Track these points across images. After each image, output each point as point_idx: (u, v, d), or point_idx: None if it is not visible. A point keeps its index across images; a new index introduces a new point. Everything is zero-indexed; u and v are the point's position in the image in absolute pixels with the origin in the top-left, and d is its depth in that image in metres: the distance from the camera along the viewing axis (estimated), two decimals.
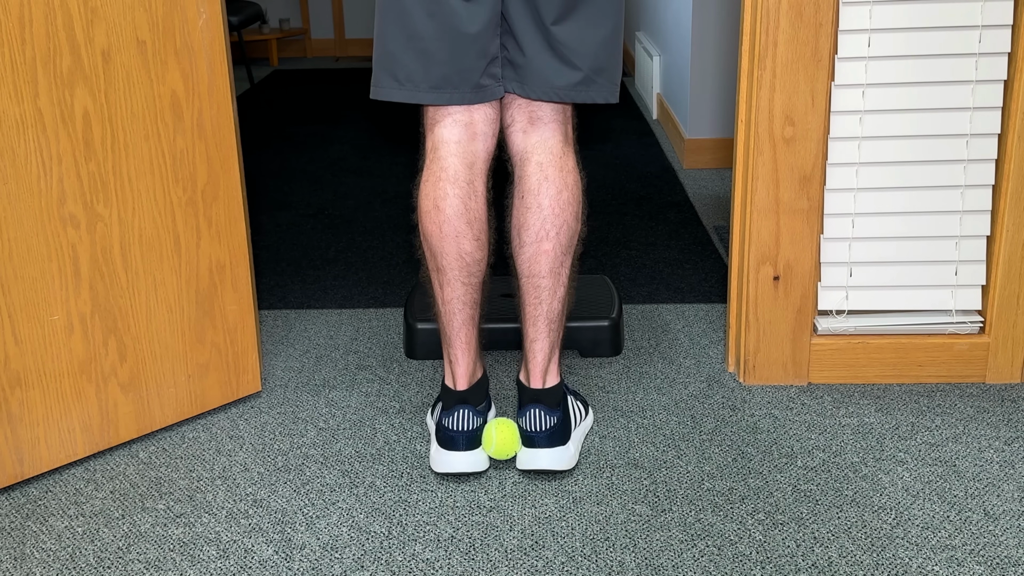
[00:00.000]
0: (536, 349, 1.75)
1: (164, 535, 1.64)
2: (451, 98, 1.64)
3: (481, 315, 1.77)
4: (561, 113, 1.70)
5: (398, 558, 1.57)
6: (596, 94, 1.67)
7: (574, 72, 1.64)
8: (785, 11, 1.87)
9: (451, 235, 1.67)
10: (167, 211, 1.83)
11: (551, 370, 1.77)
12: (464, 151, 1.68)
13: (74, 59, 1.66)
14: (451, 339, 1.75)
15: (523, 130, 1.70)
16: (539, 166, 1.68)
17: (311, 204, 3.36)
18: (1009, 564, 1.53)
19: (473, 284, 1.72)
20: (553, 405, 1.75)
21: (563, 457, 1.74)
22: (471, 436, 1.74)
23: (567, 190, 1.68)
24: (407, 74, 1.65)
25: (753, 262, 2.01)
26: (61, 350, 1.76)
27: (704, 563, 1.54)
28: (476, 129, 1.68)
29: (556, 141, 1.69)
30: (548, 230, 1.68)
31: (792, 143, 1.94)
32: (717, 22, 3.54)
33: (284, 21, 6.34)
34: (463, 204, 1.67)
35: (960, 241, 2.01)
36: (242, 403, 2.05)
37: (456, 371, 1.76)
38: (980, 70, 1.91)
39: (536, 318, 1.73)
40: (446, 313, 1.74)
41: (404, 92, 1.66)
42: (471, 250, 1.69)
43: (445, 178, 1.66)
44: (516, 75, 1.65)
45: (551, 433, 1.73)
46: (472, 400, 1.77)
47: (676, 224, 3.07)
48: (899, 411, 1.97)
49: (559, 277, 1.71)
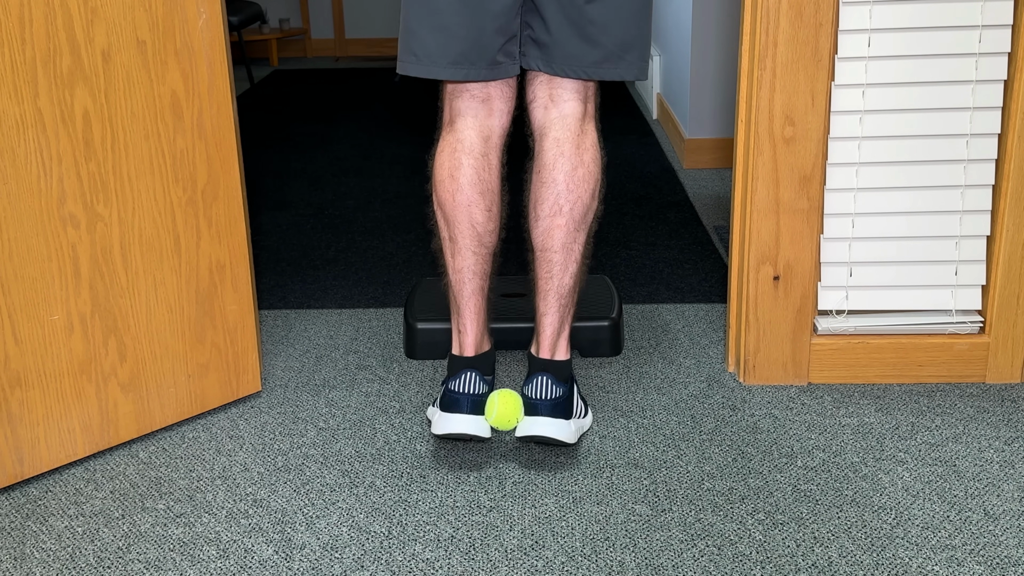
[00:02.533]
0: (546, 323, 1.78)
1: (164, 535, 1.64)
2: (467, 74, 1.67)
3: (490, 287, 1.81)
4: (583, 90, 1.72)
5: (398, 558, 1.57)
6: (625, 71, 1.69)
7: (600, 49, 1.66)
8: (785, 11, 1.87)
9: (463, 204, 1.71)
10: (167, 211, 1.83)
11: (560, 345, 1.79)
12: (481, 125, 1.72)
13: (74, 59, 1.66)
14: (461, 308, 1.79)
15: (544, 106, 1.73)
16: (556, 142, 1.71)
17: (311, 204, 3.36)
18: (1009, 564, 1.53)
19: (483, 255, 1.76)
20: (560, 378, 1.77)
21: (564, 429, 1.74)
22: (476, 400, 1.75)
23: (583, 167, 1.70)
24: (426, 50, 1.68)
25: (753, 262, 2.01)
26: (61, 350, 1.76)
27: (704, 563, 1.54)
28: (493, 105, 1.72)
29: (575, 118, 1.71)
30: (562, 205, 1.71)
31: (792, 143, 1.94)
32: (717, 22, 3.54)
33: (284, 21, 6.34)
34: (477, 175, 1.71)
35: (960, 241, 2.01)
36: (242, 403, 2.05)
37: (464, 340, 1.80)
38: (980, 70, 1.91)
39: (547, 292, 1.76)
40: (456, 282, 1.77)
41: (422, 67, 1.69)
42: (483, 220, 1.73)
43: (461, 149, 1.71)
44: (541, 53, 1.68)
45: (555, 403, 1.74)
46: (480, 368, 1.79)
47: (676, 224, 3.07)
48: (899, 411, 1.97)
49: (571, 252, 1.74)
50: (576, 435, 1.79)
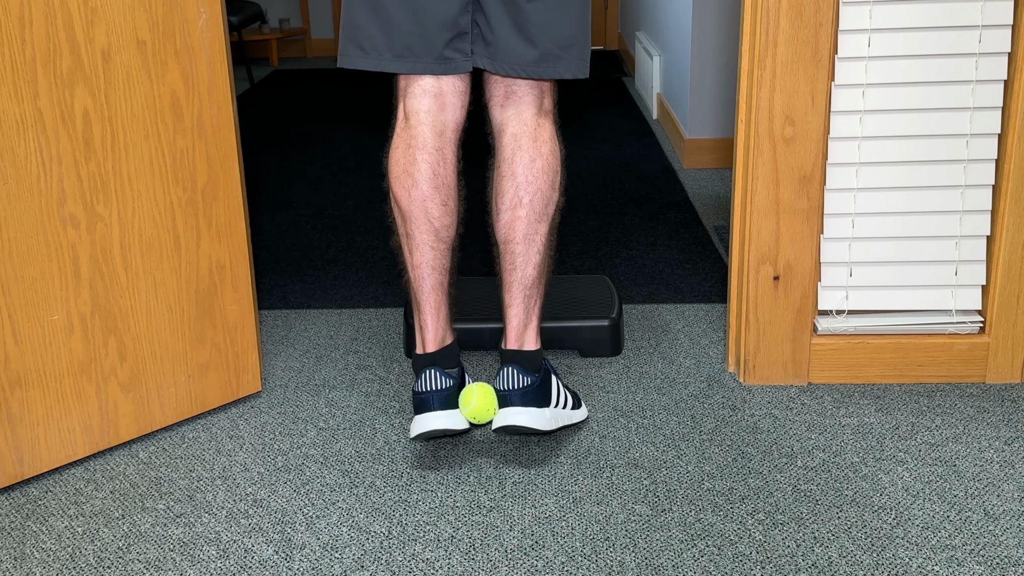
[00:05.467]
0: (511, 315, 1.79)
1: (164, 535, 1.64)
2: (414, 67, 1.70)
3: (450, 283, 1.82)
4: (536, 88, 1.75)
5: (398, 558, 1.57)
6: (564, 70, 1.71)
7: (536, 49, 1.68)
8: (785, 11, 1.87)
9: (419, 199, 1.73)
10: (167, 211, 1.83)
11: (528, 336, 1.80)
12: (434, 120, 1.74)
13: (74, 59, 1.66)
14: (420, 304, 1.80)
15: (500, 104, 1.76)
16: (513, 137, 1.74)
17: (311, 204, 3.36)
18: (1009, 564, 1.53)
19: (441, 249, 1.77)
20: (529, 368, 1.78)
21: (537, 417, 1.74)
22: (443, 396, 1.75)
23: (540, 159, 1.73)
24: (371, 43, 1.70)
25: (753, 262, 2.01)
26: (61, 350, 1.76)
27: (704, 563, 1.54)
28: (445, 100, 1.74)
29: (530, 114, 1.74)
30: (521, 197, 1.73)
31: (792, 143, 1.94)
32: (717, 22, 3.54)
33: (284, 21, 6.34)
34: (432, 170, 1.73)
35: (960, 241, 2.01)
36: (242, 403, 2.05)
37: (425, 336, 1.81)
38: (980, 70, 1.91)
39: (511, 284, 1.78)
40: (416, 279, 1.79)
41: (368, 60, 1.72)
42: (439, 215, 1.75)
43: (415, 145, 1.73)
44: (487, 51, 1.71)
45: (524, 392, 1.74)
46: (441, 362, 1.80)
47: (676, 224, 3.07)
48: (899, 411, 1.97)
49: (533, 243, 1.76)
50: (553, 422, 1.79)
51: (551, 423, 1.78)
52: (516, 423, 1.73)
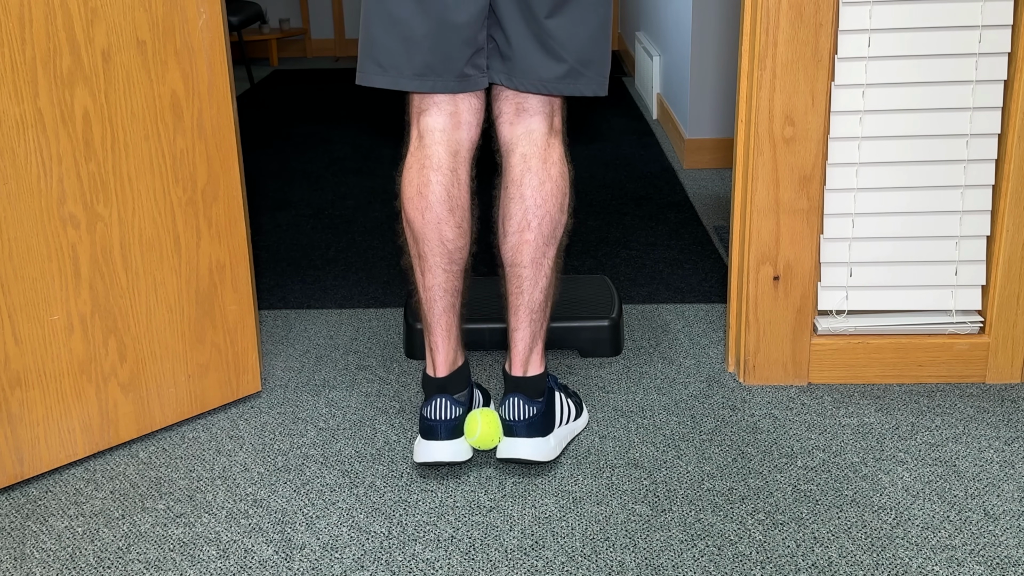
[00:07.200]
0: (517, 338, 1.76)
1: (164, 535, 1.64)
2: (434, 86, 1.65)
3: (462, 303, 1.79)
4: (548, 105, 1.71)
5: (398, 558, 1.57)
6: (584, 87, 1.68)
7: (561, 65, 1.65)
8: (785, 11, 1.87)
9: (433, 222, 1.69)
10: (167, 211, 1.83)
11: (533, 360, 1.78)
12: (449, 139, 1.69)
13: (74, 59, 1.66)
14: (431, 326, 1.77)
15: (510, 121, 1.72)
16: (523, 157, 1.70)
17: (311, 204, 3.36)
18: (1009, 564, 1.53)
19: (454, 271, 1.74)
20: (534, 395, 1.76)
21: (541, 448, 1.74)
22: (451, 425, 1.74)
23: (550, 181, 1.69)
24: (391, 60, 1.65)
25: (753, 262, 2.01)
26: (61, 350, 1.76)
27: (704, 563, 1.54)
28: (461, 118, 1.70)
29: (541, 133, 1.70)
30: (530, 220, 1.69)
31: (792, 143, 1.94)
32: (717, 22, 3.54)
33: (284, 21, 6.34)
34: (446, 191, 1.68)
35: (960, 241, 2.01)
36: (242, 403, 2.05)
37: (436, 359, 1.78)
38: (980, 70, 1.91)
39: (517, 307, 1.75)
40: (427, 300, 1.75)
41: (387, 78, 1.66)
42: (453, 237, 1.70)
43: (429, 166, 1.68)
44: (504, 67, 1.66)
45: (530, 423, 1.74)
46: (451, 388, 1.78)
47: (676, 224, 3.07)
48: (899, 411, 1.97)
49: (541, 267, 1.73)
50: (556, 450, 1.79)
51: (555, 451, 1.78)
52: (520, 456, 1.73)
